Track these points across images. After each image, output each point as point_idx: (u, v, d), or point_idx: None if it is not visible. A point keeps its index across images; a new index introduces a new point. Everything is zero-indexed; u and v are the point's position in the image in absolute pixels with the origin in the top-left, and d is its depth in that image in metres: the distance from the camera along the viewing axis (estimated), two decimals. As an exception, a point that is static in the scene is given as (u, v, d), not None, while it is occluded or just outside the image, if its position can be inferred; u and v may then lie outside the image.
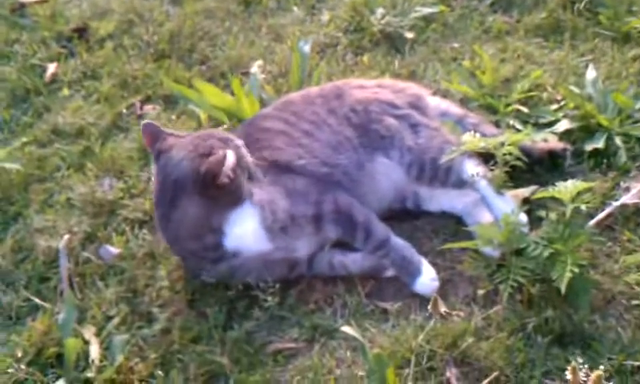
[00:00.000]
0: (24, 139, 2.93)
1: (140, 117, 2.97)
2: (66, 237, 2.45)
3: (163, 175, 2.12)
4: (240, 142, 2.17)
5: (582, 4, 3.06)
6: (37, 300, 2.32)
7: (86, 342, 2.11)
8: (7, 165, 2.74)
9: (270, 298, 2.11)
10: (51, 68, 3.29)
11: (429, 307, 1.96)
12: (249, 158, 2.16)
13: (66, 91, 3.16)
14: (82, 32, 3.49)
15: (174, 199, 2.08)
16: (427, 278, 2.13)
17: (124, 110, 3.01)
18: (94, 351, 2.07)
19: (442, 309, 1.98)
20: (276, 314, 2.14)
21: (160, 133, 2.20)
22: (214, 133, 2.23)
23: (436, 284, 2.13)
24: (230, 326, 2.12)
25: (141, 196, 2.58)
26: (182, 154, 2.10)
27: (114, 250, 2.40)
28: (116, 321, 2.19)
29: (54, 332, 2.17)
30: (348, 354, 2.01)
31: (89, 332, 2.14)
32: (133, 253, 2.38)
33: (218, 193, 2.05)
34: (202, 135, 2.19)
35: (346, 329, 1.99)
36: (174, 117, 2.90)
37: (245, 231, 2.10)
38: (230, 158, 2.03)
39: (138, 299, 2.26)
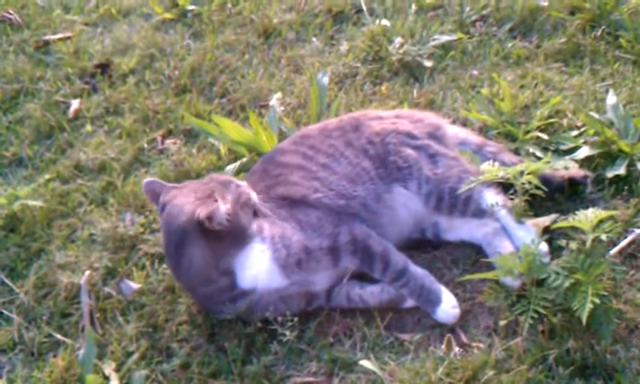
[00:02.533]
0: (47, 176, 2.97)
1: (161, 151, 3.00)
2: (87, 272, 2.47)
3: (168, 225, 2.14)
4: (242, 182, 2.20)
5: (602, 28, 3.05)
6: (58, 336, 2.33)
7: (106, 378, 2.13)
8: (31, 202, 2.77)
9: (288, 332, 2.11)
10: (74, 104, 3.34)
11: (442, 347, 1.94)
12: (253, 196, 2.17)
13: (88, 127, 3.21)
14: (104, 68, 3.54)
15: (180, 247, 2.10)
16: (448, 306, 2.12)
17: (145, 145, 3.04)
18: (114, 387, 2.09)
19: (456, 348, 1.96)
20: (295, 348, 2.13)
21: (162, 187, 2.25)
22: (214, 176, 2.27)
23: (457, 311, 2.11)
24: (249, 361, 2.12)
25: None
26: (183, 200, 2.13)
27: (135, 285, 2.42)
28: (136, 356, 2.20)
29: (75, 368, 2.19)
30: (367, 387, 1.99)
31: (109, 368, 2.15)
32: (153, 288, 2.39)
33: (218, 235, 2.06)
34: (203, 181, 2.25)
35: (365, 363, 1.99)
36: (194, 150, 2.92)
37: (257, 269, 2.11)
38: (222, 208, 2.05)
39: (158, 334, 2.26)
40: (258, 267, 2.11)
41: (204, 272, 2.10)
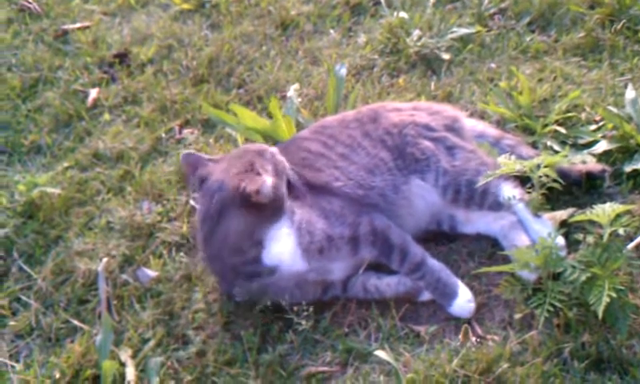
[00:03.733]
0: (65, 164, 3.00)
1: (179, 141, 3.01)
2: (105, 260, 2.49)
3: (209, 195, 2.15)
4: (275, 149, 2.22)
5: (621, 23, 3.02)
6: (76, 322, 2.36)
7: (123, 364, 2.15)
8: (49, 189, 2.80)
9: (303, 322, 2.12)
10: (93, 93, 3.37)
11: (459, 337, 1.94)
12: (286, 164, 2.21)
13: (107, 116, 3.23)
14: (123, 57, 3.56)
15: (220, 215, 2.11)
16: (464, 300, 2.12)
17: (163, 135, 3.06)
18: (130, 373, 2.11)
19: (473, 338, 1.96)
20: (310, 337, 2.14)
21: (200, 160, 2.26)
22: (248, 147, 2.28)
23: (472, 306, 2.12)
24: (264, 349, 2.13)
25: (178, 219, 2.61)
26: (223, 175, 2.14)
27: (152, 272, 2.44)
28: (152, 343, 2.22)
29: (91, 354, 2.21)
30: (381, 378, 2.00)
31: (125, 354, 2.17)
32: (170, 275, 2.41)
33: (260, 206, 2.08)
34: (238, 153, 2.26)
35: (379, 353, 1.99)
36: (211, 140, 2.94)
37: (283, 249, 2.12)
38: (268, 181, 2.07)
39: (174, 322, 2.28)
40: (284, 246, 2.12)
41: (239, 241, 2.11)
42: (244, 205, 2.08)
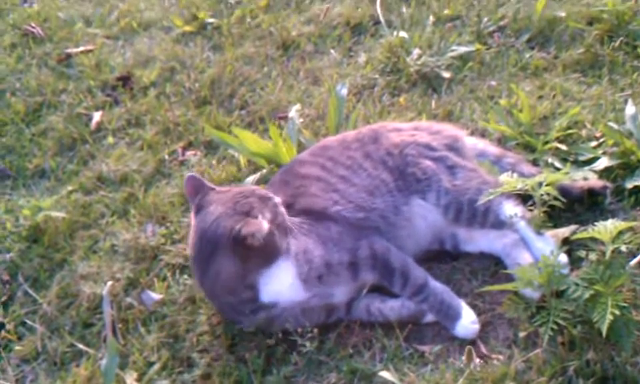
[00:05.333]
0: (70, 187, 3.02)
1: (182, 163, 3.03)
2: (110, 283, 2.49)
3: (201, 230, 2.14)
4: (278, 200, 2.18)
5: (620, 39, 3.04)
6: (81, 346, 2.36)
7: (128, 388, 2.15)
8: (54, 213, 2.81)
9: (308, 343, 2.12)
10: (96, 116, 3.39)
11: (463, 358, 1.94)
12: (285, 216, 2.17)
13: (110, 139, 3.25)
14: (126, 80, 3.58)
15: (210, 256, 2.10)
16: (467, 322, 2.12)
17: (166, 157, 3.08)
18: (136, 397, 2.11)
19: (477, 359, 1.96)
20: (314, 359, 2.14)
21: (202, 186, 2.24)
22: (255, 190, 2.23)
23: (476, 327, 2.11)
24: (269, 371, 2.13)
25: (182, 241, 2.62)
26: (221, 210, 2.12)
27: (156, 295, 2.44)
28: (157, 366, 2.22)
29: (97, 378, 2.22)
30: (387, 399, 2.00)
31: (131, 378, 2.18)
32: (174, 298, 2.42)
33: (251, 252, 2.06)
34: (243, 192, 2.20)
35: (384, 374, 2.00)
36: (214, 162, 2.95)
37: (281, 285, 2.12)
38: (264, 227, 2.05)
39: (179, 344, 2.28)
40: (282, 282, 2.11)
41: (230, 284, 2.11)
42: (236, 248, 2.05)
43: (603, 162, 2.47)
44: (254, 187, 2.35)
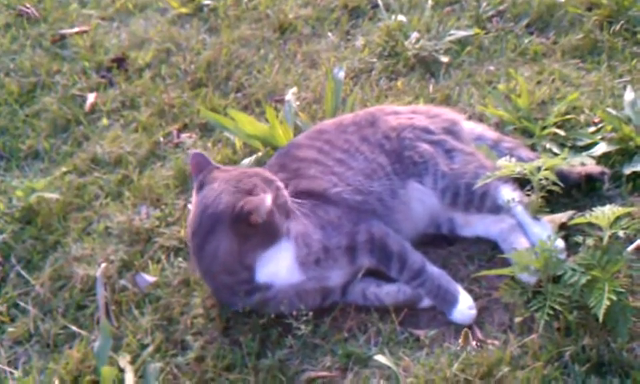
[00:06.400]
0: (63, 169, 2.99)
1: (177, 145, 3.01)
2: (103, 265, 2.48)
3: (203, 206, 2.12)
4: (281, 184, 2.17)
5: (620, 24, 3.02)
6: (74, 328, 2.35)
7: (122, 370, 2.13)
8: (47, 194, 2.79)
9: (303, 326, 2.11)
10: (91, 98, 3.36)
11: (459, 341, 1.93)
12: (288, 199, 2.15)
13: (105, 121, 3.22)
14: (120, 62, 3.55)
15: (209, 232, 2.09)
16: (464, 307, 2.11)
17: (161, 139, 3.05)
18: (129, 379, 2.09)
19: (473, 342, 1.95)
20: (309, 342, 2.13)
21: (207, 164, 2.23)
22: (260, 172, 2.22)
23: (473, 312, 2.10)
24: (264, 354, 2.12)
25: (176, 224, 2.60)
26: (224, 187, 2.11)
27: (150, 277, 2.42)
28: (151, 349, 2.20)
29: (90, 360, 2.20)
30: (381, 382, 1.99)
31: (124, 360, 2.16)
32: (168, 281, 2.40)
33: (251, 231, 2.05)
34: (247, 171, 2.21)
35: (379, 358, 1.99)
36: (209, 144, 2.93)
37: (278, 267, 2.11)
38: (267, 202, 2.04)
39: (173, 327, 2.27)
40: (279, 264, 2.11)
41: (227, 263, 2.09)
42: (237, 226, 2.05)
43: (601, 148, 2.46)
44: (258, 169, 2.33)
